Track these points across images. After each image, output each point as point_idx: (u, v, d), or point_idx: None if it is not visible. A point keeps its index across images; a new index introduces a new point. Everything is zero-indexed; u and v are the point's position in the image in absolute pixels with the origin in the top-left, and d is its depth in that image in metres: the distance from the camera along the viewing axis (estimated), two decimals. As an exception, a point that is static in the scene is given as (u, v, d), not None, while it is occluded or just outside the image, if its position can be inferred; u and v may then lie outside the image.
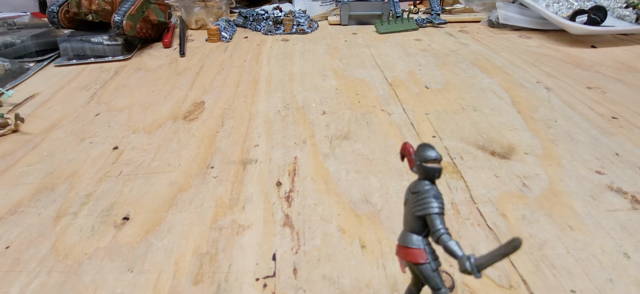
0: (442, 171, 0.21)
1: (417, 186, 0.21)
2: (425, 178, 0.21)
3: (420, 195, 0.21)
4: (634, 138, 0.46)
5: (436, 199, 0.20)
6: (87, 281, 0.29)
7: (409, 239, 0.21)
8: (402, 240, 0.22)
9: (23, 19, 0.97)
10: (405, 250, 0.22)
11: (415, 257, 0.21)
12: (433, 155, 0.20)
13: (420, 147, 0.21)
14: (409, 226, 0.22)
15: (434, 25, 0.99)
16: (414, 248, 0.21)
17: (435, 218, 0.20)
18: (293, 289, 0.28)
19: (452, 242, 0.19)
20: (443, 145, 0.45)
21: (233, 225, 0.34)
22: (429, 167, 0.20)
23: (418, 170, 0.21)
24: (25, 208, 0.37)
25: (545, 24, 0.90)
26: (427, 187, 0.21)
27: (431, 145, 0.21)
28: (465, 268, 0.18)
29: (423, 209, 0.20)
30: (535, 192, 0.37)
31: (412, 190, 0.22)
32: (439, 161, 0.20)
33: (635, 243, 0.31)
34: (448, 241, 0.19)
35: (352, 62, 0.74)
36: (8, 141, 0.49)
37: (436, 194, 0.20)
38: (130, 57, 0.80)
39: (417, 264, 0.21)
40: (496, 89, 0.60)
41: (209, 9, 1.01)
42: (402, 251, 0.22)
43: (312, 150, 0.45)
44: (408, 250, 0.21)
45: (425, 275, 0.21)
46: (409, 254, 0.21)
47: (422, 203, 0.20)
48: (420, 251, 0.21)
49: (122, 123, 0.53)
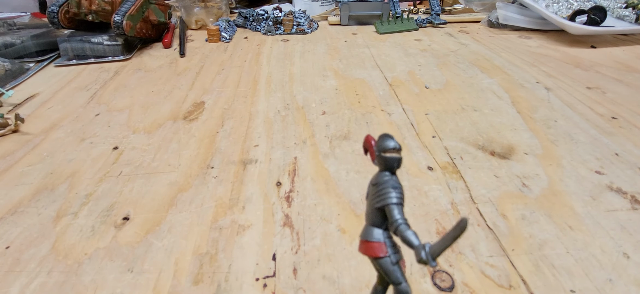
0: (401, 161, 0.20)
1: (377, 177, 0.21)
2: (385, 168, 0.20)
3: (379, 186, 0.20)
4: (634, 138, 0.46)
5: (395, 189, 0.20)
6: (87, 281, 0.29)
7: (370, 232, 0.21)
8: (363, 234, 0.21)
9: (23, 19, 0.97)
10: (365, 245, 0.21)
11: (375, 251, 0.20)
12: (391, 145, 0.20)
13: (380, 137, 0.20)
14: (370, 220, 0.21)
15: (434, 25, 0.99)
16: (373, 242, 0.21)
17: (393, 209, 0.19)
18: (293, 289, 0.28)
19: (409, 232, 0.19)
20: (443, 145, 0.45)
21: (233, 225, 0.34)
22: (388, 157, 0.20)
23: (378, 161, 0.21)
24: (26, 208, 0.37)
25: (545, 24, 0.90)
26: (386, 178, 0.20)
27: (391, 135, 0.20)
28: (421, 257, 0.18)
29: (381, 200, 0.20)
30: (535, 192, 0.37)
31: (372, 183, 0.21)
32: (398, 150, 0.20)
33: (635, 243, 0.31)
34: (405, 231, 0.19)
35: (352, 62, 0.74)
36: (8, 141, 0.49)
37: (395, 184, 0.20)
38: (130, 57, 0.80)
39: (376, 258, 0.20)
40: (496, 89, 0.60)
41: (209, 9, 1.01)
42: (363, 245, 0.21)
43: (312, 150, 0.45)
44: (368, 244, 0.21)
45: (384, 269, 0.20)
46: (368, 248, 0.21)
47: (381, 194, 0.20)
48: (380, 245, 0.20)
49: (122, 123, 0.53)
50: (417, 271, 0.29)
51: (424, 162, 0.42)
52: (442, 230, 0.33)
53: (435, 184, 0.38)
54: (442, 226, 0.33)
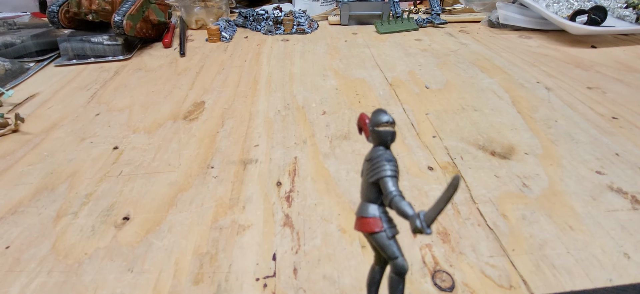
0: (395, 135, 0.20)
1: (371, 152, 0.20)
2: (379, 143, 0.20)
3: (373, 160, 0.20)
4: (634, 138, 0.46)
5: (389, 162, 0.19)
6: (87, 281, 0.29)
7: (365, 208, 0.21)
8: (359, 211, 0.21)
9: (23, 19, 0.97)
10: (360, 221, 0.21)
11: (370, 226, 0.20)
12: (385, 118, 0.20)
13: (373, 112, 0.20)
14: (365, 196, 0.21)
15: (434, 25, 0.99)
16: (368, 217, 0.20)
17: (388, 181, 0.19)
18: (293, 289, 0.28)
19: (403, 202, 0.18)
20: (443, 145, 0.45)
21: (233, 225, 0.34)
22: (382, 131, 0.20)
23: (372, 137, 0.20)
24: (26, 208, 0.37)
25: (545, 24, 0.90)
26: (380, 152, 0.20)
27: (384, 109, 0.20)
28: (416, 225, 0.18)
29: (376, 174, 0.20)
30: (536, 192, 0.37)
31: (366, 158, 0.21)
32: (392, 124, 0.20)
33: (636, 243, 0.31)
34: (400, 202, 0.18)
35: (352, 62, 0.74)
36: (8, 141, 0.49)
37: (389, 157, 0.20)
38: (130, 57, 0.80)
39: (371, 233, 0.20)
40: (496, 89, 0.60)
41: (209, 9, 1.01)
42: (358, 222, 0.21)
43: (312, 150, 0.45)
44: (363, 220, 0.20)
45: (380, 244, 0.20)
46: (363, 224, 0.20)
47: (375, 168, 0.20)
48: (375, 220, 0.20)
49: (122, 123, 0.53)
50: (417, 271, 0.29)
51: (424, 162, 0.42)
52: (442, 229, 0.33)
53: (435, 184, 0.38)
54: (443, 226, 0.33)
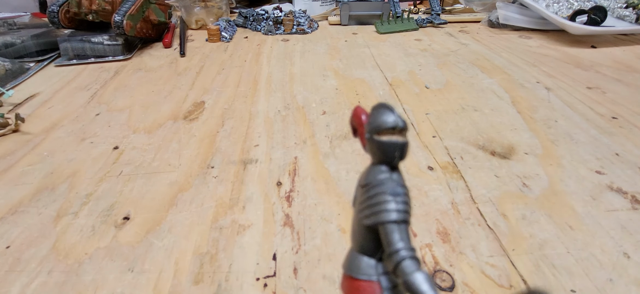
0: (408, 148, 0.12)
1: (369, 174, 0.13)
2: (381, 160, 0.13)
3: (371, 189, 0.13)
4: (634, 138, 0.46)
5: (395, 197, 0.12)
6: (87, 281, 0.29)
7: (355, 264, 0.13)
8: (347, 266, 0.14)
9: (23, 19, 0.97)
10: (349, 283, 0.13)
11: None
12: (391, 121, 0.12)
13: (374, 110, 0.13)
14: (357, 243, 0.14)
15: (434, 25, 0.99)
16: (361, 280, 0.13)
17: (392, 231, 0.12)
18: (293, 289, 0.28)
19: (418, 275, 0.11)
20: (443, 145, 0.45)
21: (233, 225, 0.34)
22: (385, 142, 0.12)
23: (370, 148, 0.13)
24: (26, 208, 0.37)
25: (545, 24, 0.90)
26: (382, 176, 0.13)
27: (390, 106, 0.13)
28: None
29: (373, 214, 0.12)
30: (536, 192, 0.37)
31: (361, 183, 0.14)
32: (402, 131, 0.13)
33: (636, 243, 0.31)
34: (412, 273, 0.11)
35: (352, 62, 0.74)
36: (8, 141, 0.49)
37: (395, 189, 0.12)
38: (130, 57, 0.80)
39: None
40: (496, 89, 0.60)
41: (209, 9, 1.01)
42: (346, 284, 0.14)
43: (313, 150, 0.45)
44: (353, 283, 0.13)
45: None
46: (353, 290, 0.13)
47: (373, 204, 0.13)
48: (371, 286, 0.13)
49: (123, 123, 0.53)
50: (418, 271, 0.29)
51: (424, 162, 0.42)
52: (442, 229, 0.33)
53: (435, 184, 0.38)
54: (443, 226, 0.33)
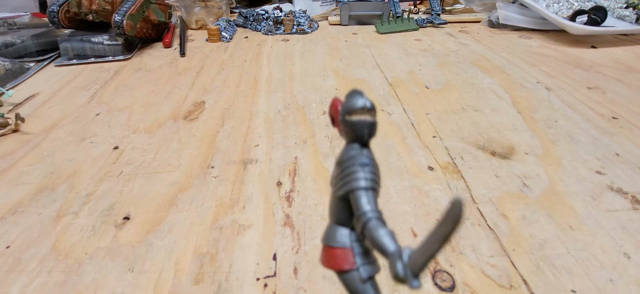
0: (376, 127, 0.14)
1: (343, 153, 0.15)
2: (353, 139, 0.14)
3: (344, 165, 0.14)
4: (634, 138, 0.46)
5: (363, 167, 0.13)
6: (87, 281, 0.29)
7: (332, 234, 0.14)
8: (325, 237, 0.15)
9: (23, 19, 0.97)
10: (326, 252, 0.14)
11: (337, 261, 0.14)
12: (360, 103, 0.13)
13: (347, 95, 0.14)
14: (333, 216, 0.15)
15: (434, 25, 0.99)
16: (336, 247, 0.14)
17: (360, 196, 0.13)
18: (294, 289, 0.28)
19: (381, 230, 0.12)
20: (443, 145, 0.45)
21: (233, 225, 0.34)
22: (355, 121, 0.14)
23: (344, 130, 0.15)
24: (26, 208, 0.37)
25: (545, 24, 0.90)
26: (353, 152, 0.14)
27: (360, 90, 0.14)
28: (397, 271, 0.11)
29: (344, 184, 0.14)
30: (536, 192, 0.37)
31: (337, 161, 0.15)
32: (370, 110, 0.14)
33: (636, 243, 0.31)
34: (375, 229, 0.12)
35: (352, 62, 0.74)
36: (8, 141, 0.49)
37: (364, 160, 0.14)
38: (130, 57, 0.80)
39: (340, 271, 0.14)
40: (496, 89, 0.60)
41: (209, 9, 1.01)
42: (323, 254, 0.15)
43: (313, 150, 0.45)
44: (329, 251, 0.14)
45: (351, 289, 0.14)
46: (329, 257, 0.14)
47: (345, 175, 0.14)
48: (345, 252, 0.14)
49: (123, 123, 0.53)
50: (418, 271, 0.29)
51: (424, 162, 0.42)
52: (442, 229, 0.33)
53: (435, 184, 0.38)
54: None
